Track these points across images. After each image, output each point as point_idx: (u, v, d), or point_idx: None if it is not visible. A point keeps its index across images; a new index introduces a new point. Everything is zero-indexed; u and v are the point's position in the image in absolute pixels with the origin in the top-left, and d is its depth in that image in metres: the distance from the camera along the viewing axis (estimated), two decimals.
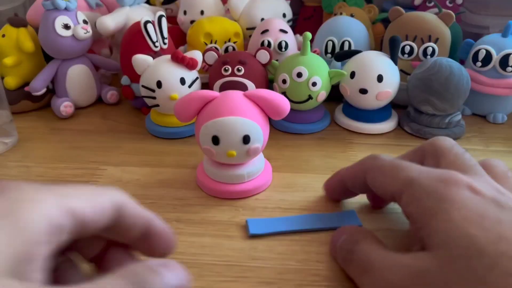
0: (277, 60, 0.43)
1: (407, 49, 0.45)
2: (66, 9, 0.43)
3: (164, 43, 0.44)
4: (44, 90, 0.46)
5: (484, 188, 0.21)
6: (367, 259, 0.22)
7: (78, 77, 0.46)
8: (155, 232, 0.21)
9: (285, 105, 0.31)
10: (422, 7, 0.56)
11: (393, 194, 0.24)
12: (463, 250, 0.19)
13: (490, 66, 0.43)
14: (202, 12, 0.53)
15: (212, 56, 0.42)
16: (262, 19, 0.51)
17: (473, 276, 0.18)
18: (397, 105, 0.47)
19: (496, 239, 0.18)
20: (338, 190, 0.30)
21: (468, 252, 0.19)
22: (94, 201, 0.18)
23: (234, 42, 0.50)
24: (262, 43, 0.46)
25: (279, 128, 0.43)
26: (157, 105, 0.40)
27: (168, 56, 0.39)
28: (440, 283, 0.19)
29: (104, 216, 0.18)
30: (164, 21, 0.43)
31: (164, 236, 0.21)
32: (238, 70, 0.40)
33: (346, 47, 0.47)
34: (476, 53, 0.43)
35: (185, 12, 0.54)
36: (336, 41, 0.47)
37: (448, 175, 0.22)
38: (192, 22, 0.53)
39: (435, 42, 0.44)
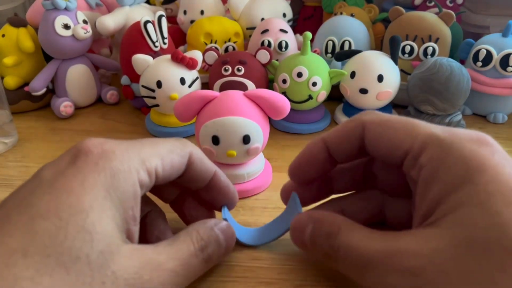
0: (277, 60, 0.43)
1: (408, 49, 0.45)
2: (66, 9, 0.43)
3: (164, 43, 0.44)
4: (44, 90, 0.46)
5: (510, 157, 0.19)
6: (362, 253, 0.19)
7: (78, 77, 0.46)
8: (216, 186, 0.25)
9: (285, 105, 0.30)
10: (422, 7, 0.56)
11: (407, 151, 0.20)
12: (482, 232, 0.16)
13: (491, 66, 0.43)
14: (202, 12, 0.53)
15: (212, 56, 0.42)
16: (262, 19, 0.51)
17: (491, 262, 0.16)
18: (397, 105, 0.47)
19: None
20: (316, 159, 0.24)
21: (488, 234, 0.16)
22: (168, 159, 0.21)
23: (234, 42, 0.50)
24: (262, 43, 0.46)
25: (279, 128, 0.43)
26: (157, 105, 0.40)
27: (168, 56, 0.39)
28: (455, 267, 0.16)
29: (175, 172, 0.22)
30: (164, 21, 0.43)
31: (223, 191, 0.26)
32: (238, 70, 0.40)
33: (346, 47, 0.47)
34: (477, 53, 0.43)
35: (185, 12, 0.54)
36: (336, 41, 0.47)
37: (481, 135, 0.19)
38: (192, 22, 0.53)
39: (436, 42, 0.44)
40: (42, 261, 0.16)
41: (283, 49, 0.46)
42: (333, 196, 0.27)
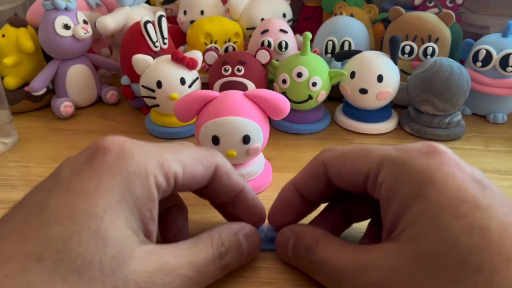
0: (277, 60, 0.43)
1: (407, 49, 0.45)
2: (66, 9, 0.43)
3: (164, 43, 0.44)
4: (44, 90, 0.46)
5: (465, 165, 0.19)
6: (336, 267, 0.21)
7: (78, 77, 0.46)
8: (242, 203, 0.24)
9: (285, 105, 0.30)
10: (422, 7, 0.56)
11: (367, 175, 0.21)
12: (434, 245, 0.17)
13: (490, 66, 0.43)
14: (202, 12, 0.53)
15: (212, 56, 0.42)
16: (262, 19, 0.51)
17: (443, 274, 0.17)
18: (397, 105, 0.47)
19: (469, 229, 0.17)
20: (291, 202, 0.25)
21: (439, 247, 0.17)
22: (190, 167, 0.21)
23: (234, 42, 0.50)
24: (262, 43, 0.46)
25: (279, 128, 0.43)
26: (157, 105, 0.40)
27: (168, 56, 0.39)
28: (411, 281, 0.17)
29: (198, 181, 0.22)
30: (164, 21, 0.43)
31: (249, 209, 0.25)
32: (238, 70, 0.40)
33: (346, 47, 0.47)
34: (476, 53, 0.43)
35: (185, 12, 0.54)
36: (336, 41, 0.47)
37: (431, 146, 0.20)
38: (192, 22, 0.53)
39: (435, 42, 0.44)
40: (55, 266, 0.16)
41: (283, 49, 0.46)
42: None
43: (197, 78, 0.40)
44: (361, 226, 0.27)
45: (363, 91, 0.40)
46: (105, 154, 0.19)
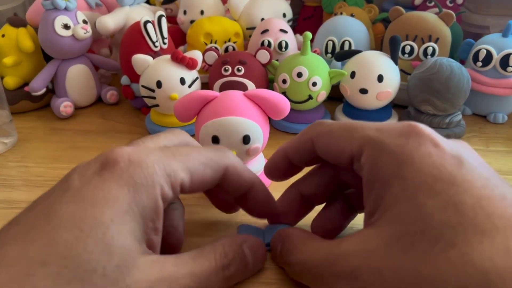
0: (277, 60, 0.43)
1: (408, 49, 0.45)
2: (65, 9, 0.43)
3: (164, 43, 0.44)
4: (43, 90, 0.46)
5: (445, 142, 0.19)
6: (312, 265, 0.20)
7: (78, 77, 0.46)
8: (254, 197, 0.25)
9: (285, 105, 0.30)
10: (422, 7, 0.56)
11: (352, 155, 0.21)
12: (409, 226, 0.17)
13: (491, 66, 0.43)
14: (202, 12, 0.53)
15: (212, 56, 0.42)
16: (262, 19, 0.51)
17: (416, 252, 0.16)
18: (397, 105, 0.47)
19: (443, 205, 0.17)
20: (281, 166, 0.26)
21: (414, 227, 0.17)
22: (198, 173, 0.21)
23: (234, 42, 0.50)
24: (262, 43, 0.46)
25: (279, 128, 0.43)
26: (157, 105, 0.40)
27: (168, 56, 0.39)
28: (387, 265, 0.17)
29: (206, 185, 0.22)
30: (164, 21, 0.43)
31: (261, 202, 0.25)
32: (238, 70, 0.40)
33: (346, 47, 0.47)
34: (477, 53, 0.43)
35: (185, 12, 0.54)
36: (336, 41, 0.47)
37: (410, 127, 0.19)
38: (192, 22, 0.53)
39: (436, 42, 0.44)
40: (59, 272, 0.16)
41: (283, 49, 0.46)
42: (293, 179, 0.27)
43: (197, 78, 0.40)
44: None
45: (363, 91, 0.40)
46: (114, 166, 0.19)
